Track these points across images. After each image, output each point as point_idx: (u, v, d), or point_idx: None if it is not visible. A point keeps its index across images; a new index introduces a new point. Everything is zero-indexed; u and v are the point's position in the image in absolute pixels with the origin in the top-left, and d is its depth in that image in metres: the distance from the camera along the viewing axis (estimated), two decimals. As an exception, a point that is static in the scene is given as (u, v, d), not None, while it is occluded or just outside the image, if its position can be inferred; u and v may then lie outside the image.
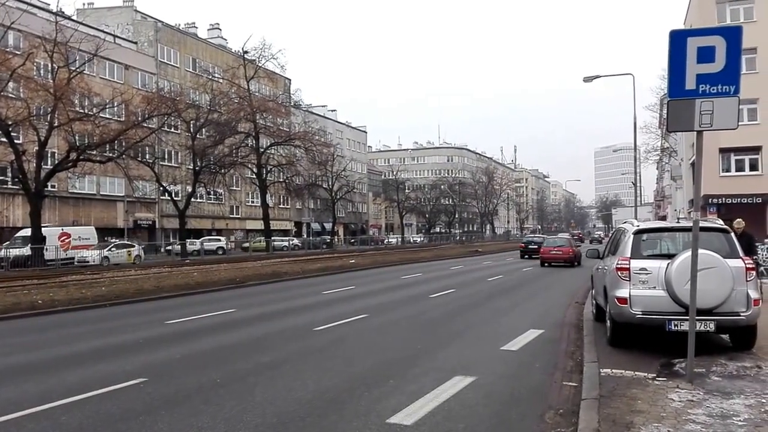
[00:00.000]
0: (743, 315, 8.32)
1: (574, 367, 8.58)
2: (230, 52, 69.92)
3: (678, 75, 6.96)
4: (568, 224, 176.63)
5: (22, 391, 7.56)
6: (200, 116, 49.79)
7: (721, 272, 7.97)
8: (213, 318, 14.14)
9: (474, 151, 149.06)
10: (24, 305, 16.28)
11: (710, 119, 6.93)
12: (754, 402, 6.30)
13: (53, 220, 48.13)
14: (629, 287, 8.80)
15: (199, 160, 48.90)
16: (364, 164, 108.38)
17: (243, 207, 72.87)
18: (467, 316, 14.01)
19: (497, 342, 10.46)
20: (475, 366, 8.65)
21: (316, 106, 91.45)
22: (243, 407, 6.72)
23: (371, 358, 9.32)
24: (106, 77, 53.09)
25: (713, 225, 9.43)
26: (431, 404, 6.73)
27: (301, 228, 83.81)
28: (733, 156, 35.21)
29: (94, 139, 37.67)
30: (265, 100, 58.25)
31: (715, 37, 6.91)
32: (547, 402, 6.89)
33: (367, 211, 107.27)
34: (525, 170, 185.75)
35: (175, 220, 53.51)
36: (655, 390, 6.80)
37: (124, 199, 53.88)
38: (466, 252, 55.85)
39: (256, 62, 55.01)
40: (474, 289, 20.72)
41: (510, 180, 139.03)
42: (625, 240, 9.62)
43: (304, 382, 7.86)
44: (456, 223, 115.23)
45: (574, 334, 11.29)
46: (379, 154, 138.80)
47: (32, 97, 34.57)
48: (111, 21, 62.21)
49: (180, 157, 59.66)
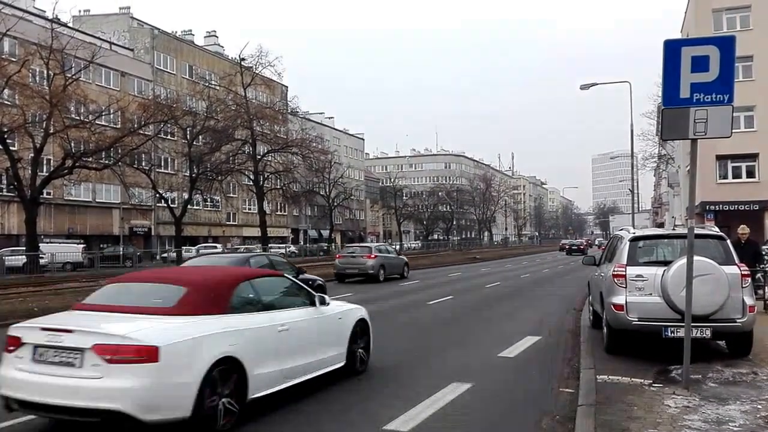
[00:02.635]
0: (739, 321, 8.35)
1: (571, 373, 8.60)
2: (227, 59, 70.01)
3: (672, 84, 7.02)
4: (565, 231, 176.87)
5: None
6: (197, 123, 49.74)
7: (717, 279, 8.00)
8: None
9: (471, 158, 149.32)
10: (20, 312, 16.19)
11: (704, 127, 6.98)
12: (749, 408, 6.32)
13: (49, 228, 48.12)
14: (625, 294, 8.82)
15: (196, 167, 48.85)
16: (361, 171, 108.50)
17: (240, 214, 72.87)
18: (465, 323, 14.03)
19: (494, 349, 10.47)
20: (472, 372, 8.66)
21: (313, 113, 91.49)
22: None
23: (369, 363, 9.30)
24: (102, 84, 53.16)
25: (709, 232, 9.48)
26: (428, 411, 6.73)
27: (299, 235, 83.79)
28: (730, 163, 35.38)
29: (89, 146, 37.58)
30: (262, 107, 58.23)
31: (709, 47, 6.98)
32: (544, 408, 6.90)
33: (365, 218, 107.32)
34: (522, 177, 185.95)
35: (171, 228, 53.42)
36: (652, 396, 6.82)
37: (119, 206, 53.93)
38: (464, 259, 55.87)
39: (252, 69, 55.03)
40: (472, 296, 20.73)
41: (508, 187, 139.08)
42: (621, 247, 9.65)
43: (299, 387, 7.84)
44: (454, 230, 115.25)
45: (571, 341, 11.31)
46: (376, 161, 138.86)
47: (28, 104, 34.50)
48: (107, 28, 62.29)
49: (176, 164, 59.63)
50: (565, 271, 35.71)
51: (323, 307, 8.03)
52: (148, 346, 5.51)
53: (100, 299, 6.72)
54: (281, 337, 6.96)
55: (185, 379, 5.66)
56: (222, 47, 76.40)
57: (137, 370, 5.45)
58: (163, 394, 5.58)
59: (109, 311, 6.32)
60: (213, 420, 5.85)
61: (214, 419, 5.87)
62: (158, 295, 6.54)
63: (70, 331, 5.73)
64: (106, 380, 5.45)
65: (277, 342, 6.90)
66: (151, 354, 5.48)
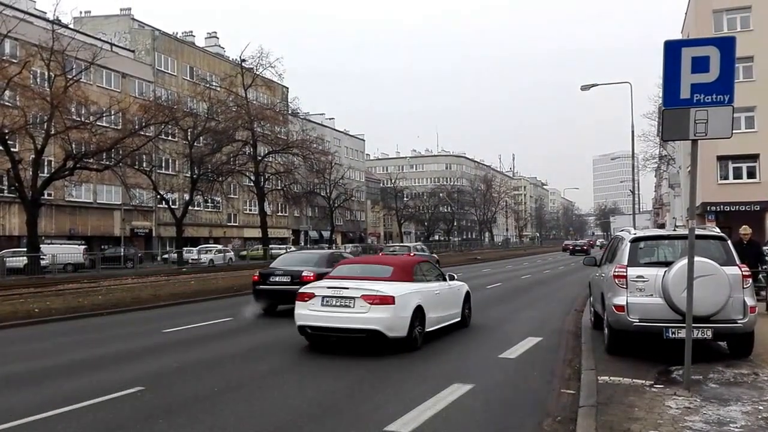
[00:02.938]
0: (740, 322, 8.35)
1: (572, 374, 8.60)
2: (228, 60, 70.02)
3: (673, 84, 7.02)
4: (566, 232, 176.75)
5: (18, 400, 7.53)
6: (198, 124, 49.80)
7: (718, 280, 8.00)
8: (210, 327, 14.11)
9: (472, 159, 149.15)
10: (21, 314, 16.23)
11: (705, 128, 6.98)
12: (750, 409, 6.32)
13: (50, 229, 48.11)
14: (626, 295, 8.82)
15: (197, 168, 48.89)
16: (362, 172, 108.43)
17: (241, 215, 72.85)
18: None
19: (495, 350, 10.47)
20: (473, 374, 8.67)
21: (313, 114, 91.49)
22: (240, 416, 6.72)
23: (369, 365, 9.31)
24: (103, 85, 53.12)
25: (710, 233, 9.47)
26: (429, 412, 6.73)
27: (299, 236, 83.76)
28: (731, 164, 35.35)
29: (90, 147, 37.63)
30: (262, 108, 58.27)
31: (709, 47, 6.98)
32: (545, 409, 6.90)
33: (366, 219, 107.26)
34: (523, 178, 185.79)
35: (172, 229, 53.42)
36: (653, 397, 6.81)
37: (121, 207, 53.86)
38: (466, 260, 55.85)
39: (253, 70, 55.07)
40: (473, 296, 20.66)
41: (508, 188, 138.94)
42: (622, 248, 9.65)
43: (302, 390, 7.86)
44: (455, 231, 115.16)
45: (572, 342, 11.31)
46: (377, 162, 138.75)
47: (29, 106, 34.56)
48: (108, 29, 62.29)
49: (177, 165, 59.64)
50: (566, 271, 35.69)
51: (451, 282, 12.71)
52: (390, 296, 9.95)
53: (341, 273, 11.53)
54: (437, 297, 11.57)
55: (405, 314, 10.15)
56: (223, 48, 76.38)
57: (385, 308, 9.88)
58: (397, 322, 10.01)
59: (354, 279, 10.83)
60: (415, 340, 10.37)
61: (416, 340, 10.41)
62: (377, 270, 11.29)
63: (346, 288, 10.26)
64: (369, 314, 9.87)
65: (436, 300, 11.44)
66: (392, 300, 9.90)
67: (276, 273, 15.95)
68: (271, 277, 15.87)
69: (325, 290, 10.41)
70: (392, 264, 11.56)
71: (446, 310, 11.99)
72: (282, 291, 15.30)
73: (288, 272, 15.63)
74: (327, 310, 10.19)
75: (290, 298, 11.99)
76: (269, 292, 15.88)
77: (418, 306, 10.44)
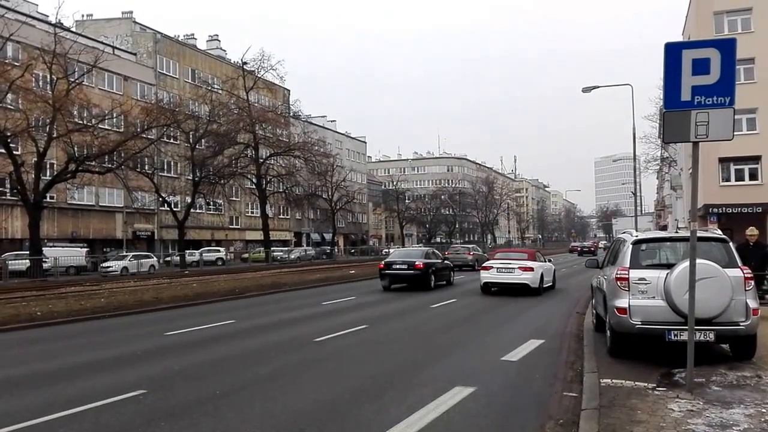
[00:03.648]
0: (742, 324, 8.32)
1: (575, 377, 8.58)
2: (229, 63, 70.17)
3: (673, 86, 7.00)
4: (568, 234, 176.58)
5: (20, 404, 7.53)
6: (199, 127, 49.90)
7: (720, 282, 7.97)
8: (212, 329, 14.12)
9: (474, 161, 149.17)
10: (23, 317, 16.25)
11: (706, 130, 6.96)
12: (754, 411, 6.30)
13: (52, 232, 48.18)
14: (628, 297, 8.81)
15: (199, 171, 48.98)
16: (363, 174, 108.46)
17: (242, 218, 72.88)
18: (468, 327, 14.00)
19: (497, 352, 10.45)
20: (475, 376, 8.64)
21: (315, 117, 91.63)
22: (242, 419, 6.71)
23: (371, 369, 9.30)
24: (105, 88, 53.25)
25: (712, 235, 9.45)
26: (431, 415, 6.72)
27: (301, 238, 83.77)
28: (733, 165, 35.31)
29: (93, 150, 37.71)
30: (264, 110, 58.39)
31: (709, 50, 6.96)
32: (548, 412, 6.88)
33: (367, 221, 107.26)
34: (525, 180, 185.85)
35: (174, 231, 53.53)
36: (655, 400, 6.80)
37: (123, 210, 53.97)
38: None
39: (255, 73, 55.20)
40: (475, 299, 20.68)
41: (510, 190, 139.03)
42: (624, 250, 9.63)
43: (304, 393, 7.85)
44: (456, 233, 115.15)
45: (574, 345, 11.28)
46: (378, 164, 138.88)
47: (31, 109, 34.64)
48: (110, 32, 62.45)
49: (179, 168, 59.76)
50: (568, 274, 35.61)
51: (548, 263, 23.82)
52: (531, 267, 21.33)
53: (502, 257, 22.50)
54: (545, 271, 22.49)
55: (537, 277, 21.23)
56: (224, 51, 76.53)
57: (530, 273, 21.07)
58: (534, 280, 21.08)
59: (510, 260, 21.85)
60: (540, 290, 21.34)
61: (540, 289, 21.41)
62: (521, 255, 22.62)
63: (510, 262, 21.47)
64: (522, 276, 20.98)
65: (547, 272, 22.72)
66: (532, 270, 21.23)
67: (397, 262, 23.93)
68: (394, 265, 23.80)
69: (498, 263, 21.63)
70: (527, 252, 23.41)
71: (548, 277, 22.71)
72: (402, 274, 23.55)
73: (406, 262, 23.71)
74: (499, 275, 21.25)
75: (406, 279, 23.36)
76: (392, 275, 23.75)
77: (541, 273, 21.38)
